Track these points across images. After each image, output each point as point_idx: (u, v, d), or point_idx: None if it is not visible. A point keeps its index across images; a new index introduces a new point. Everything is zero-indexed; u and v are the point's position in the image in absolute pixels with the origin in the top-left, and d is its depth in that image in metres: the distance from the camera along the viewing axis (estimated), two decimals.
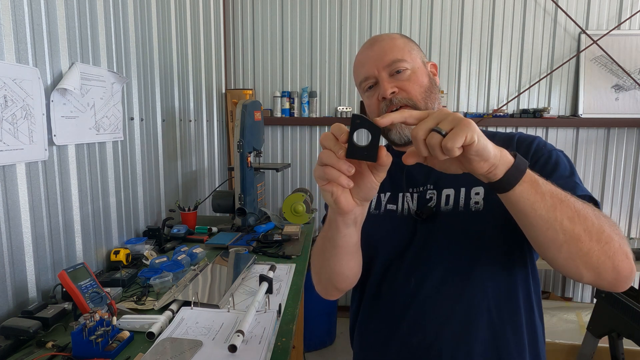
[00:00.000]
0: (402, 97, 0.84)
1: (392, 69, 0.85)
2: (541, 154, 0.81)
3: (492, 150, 0.55)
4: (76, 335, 0.90)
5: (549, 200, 0.61)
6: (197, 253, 1.59)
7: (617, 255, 0.63)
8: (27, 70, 1.15)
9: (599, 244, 0.62)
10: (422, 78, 0.86)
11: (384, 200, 0.92)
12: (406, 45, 0.88)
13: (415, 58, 0.88)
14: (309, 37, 2.98)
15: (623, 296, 1.49)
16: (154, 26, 1.92)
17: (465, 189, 0.84)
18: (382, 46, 0.87)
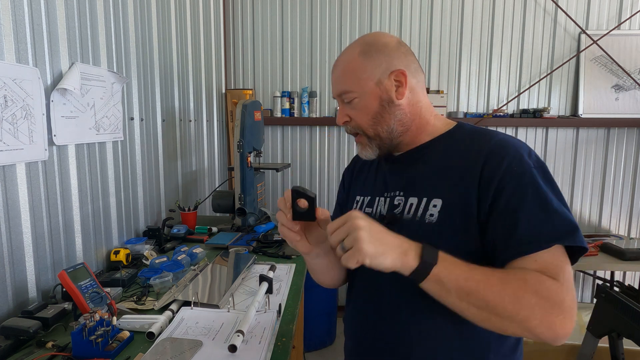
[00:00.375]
0: (352, 126, 0.90)
1: (342, 99, 0.89)
2: (506, 183, 0.73)
3: (388, 263, 0.67)
4: (76, 335, 0.90)
5: (454, 294, 0.69)
6: (197, 253, 1.59)
7: (537, 329, 0.66)
8: (27, 70, 1.15)
9: (513, 323, 0.67)
10: (370, 104, 0.85)
11: (364, 204, 0.96)
12: (358, 68, 0.85)
13: (365, 83, 0.85)
14: (309, 37, 2.98)
15: (623, 296, 1.49)
16: (154, 26, 1.92)
17: (426, 199, 0.83)
18: (337, 74, 0.89)
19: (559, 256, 0.70)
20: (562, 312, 0.66)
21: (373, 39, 0.87)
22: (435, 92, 2.89)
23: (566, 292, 0.67)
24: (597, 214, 3.00)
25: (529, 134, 2.96)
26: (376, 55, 0.85)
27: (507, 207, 0.73)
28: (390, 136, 0.88)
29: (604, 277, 3.00)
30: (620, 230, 3.01)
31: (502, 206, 0.73)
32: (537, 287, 0.66)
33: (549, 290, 0.66)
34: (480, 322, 0.70)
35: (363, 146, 0.90)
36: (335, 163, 3.07)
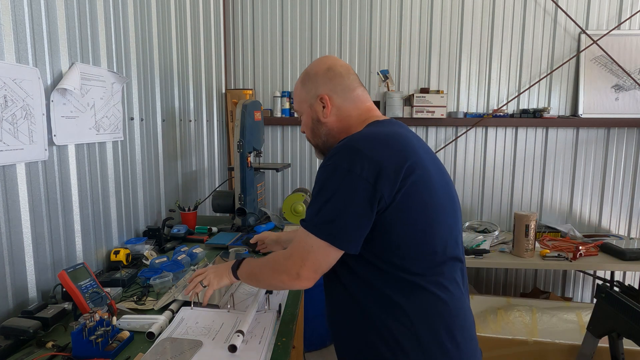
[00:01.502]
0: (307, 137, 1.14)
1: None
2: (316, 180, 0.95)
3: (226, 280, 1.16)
4: (76, 335, 0.90)
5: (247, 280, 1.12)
6: (197, 253, 1.59)
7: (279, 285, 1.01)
8: (27, 70, 1.15)
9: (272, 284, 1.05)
10: (307, 121, 1.10)
11: None
12: (299, 95, 1.10)
13: (302, 105, 1.10)
14: (309, 37, 2.98)
15: (623, 296, 1.49)
16: (154, 26, 1.92)
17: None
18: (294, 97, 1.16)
19: (303, 235, 0.92)
20: (286, 272, 0.94)
21: (310, 69, 1.09)
22: (435, 92, 2.89)
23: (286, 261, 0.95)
24: (597, 214, 3.00)
25: (529, 134, 2.96)
26: (308, 83, 1.08)
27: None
28: (324, 145, 1.09)
29: (604, 277, 3.00)
30: (620, 230, 3.01)
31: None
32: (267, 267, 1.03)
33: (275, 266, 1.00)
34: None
35: (316, 152, 1.15)
36: None
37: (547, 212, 3.02)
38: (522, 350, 1.88)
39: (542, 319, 2.09)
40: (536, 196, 3.01)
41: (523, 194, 3.02)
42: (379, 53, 2.96)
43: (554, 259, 2.37)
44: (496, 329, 1.98)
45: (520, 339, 1.89)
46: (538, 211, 3.02)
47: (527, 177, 3.00)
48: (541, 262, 2.35)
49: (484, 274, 3.10)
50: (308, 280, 0.93)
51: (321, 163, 0.95)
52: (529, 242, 2.35)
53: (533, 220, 2.33)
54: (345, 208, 0.87)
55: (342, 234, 0.87)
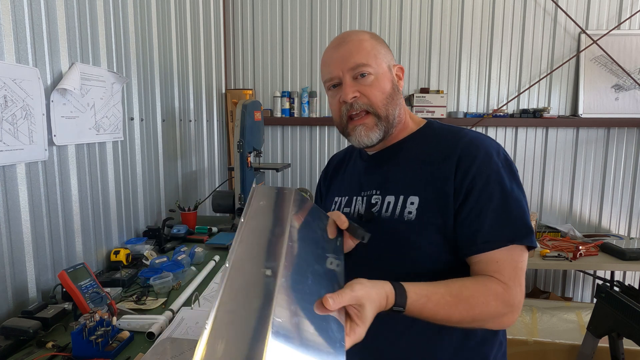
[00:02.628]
0: (363, 103, 0.86)
1: (356, 72, 0.86)
2: (475, 184, 0.79)
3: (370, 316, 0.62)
4: (76, 335, 0.90)
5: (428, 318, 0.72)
6: (197, 253, 1.59)
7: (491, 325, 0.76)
8: (27, 70, 1.15)
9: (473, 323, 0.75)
10: (384, 84, 0.87)
11: (342, 205, 0.96)
12: (373, 48, 0.87)
13: (380, 63, 0.88)
14: (309, 37, 2.98)
15: (623, 296, 1.49)
16: (154, 26, 1.92)
17: (403, 197, 0.85)
18: (349, 48, 0.86)
19: (515, 255, 0.76)
20: (512, 311, 0.74)
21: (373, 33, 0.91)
22: (435, 92, 2.89)
23: (515, 294, 0.75)
24: (597, 214, 3.00)
25: (529, 134, 2.96)
26: (383, 44, 0.91)
27: (476, 206, 0.78)
28: (393, 122, 0.89)
29: (604, 277, 3.00)
30: (620, 230, 3.01)
31: (471, 204, 0.79)
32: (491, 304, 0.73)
33: (503, 300, 0.74)
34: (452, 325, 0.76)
35: (368, 128, 0.87)
36: None
37: (547, 212, 3.02)
38: (522, 350, 1.88)
39: (542, 319, 2.09)
40: (536, 196, 3.01)
41: None
42: None
43: (554, 258, 2.37)
44: None
45: (520, 339, 1.89)
46: (538, 211, 3.02)
47: (527, 177, 3.00)
48: (541, 262, 2.35)
49: None
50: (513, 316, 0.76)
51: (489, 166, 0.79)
52: None
53: (533, 220, 2.33)
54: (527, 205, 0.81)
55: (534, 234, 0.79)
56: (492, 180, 0.79)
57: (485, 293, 0.73)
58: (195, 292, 1.27)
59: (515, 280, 0.75)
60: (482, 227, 0.77)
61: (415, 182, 0.85)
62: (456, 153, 0.82)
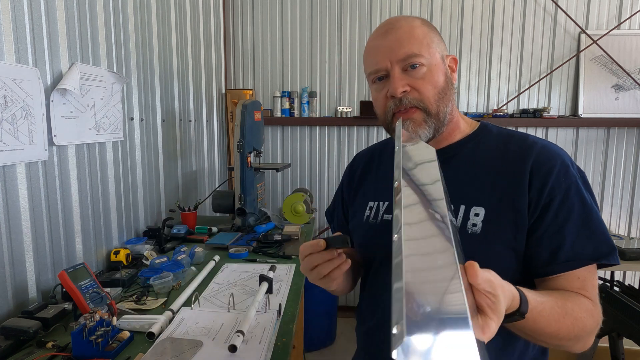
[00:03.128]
0: (413, 98, 0.78)
1: (407, 63, 0.77)
2: (555, 195, 0.72)
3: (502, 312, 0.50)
4: (76, 335, 0.90)
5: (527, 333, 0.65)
6: (197, 253, 1.59)
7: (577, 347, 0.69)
8: (27, 70, 1.15)
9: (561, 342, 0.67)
10: (437, 77, 0.78)
11: (381, 210, 0.88)
12: (426, 36, 0.78)
13: (434, 53, 0.78)
14: (309, 37, 2.98)
15: (623, 296, 1.49)
16: (154, 26, 1.92)
17: (465, 206, 0.77)
18: (399, 36, 0.77)
19: (594, 274, 0.71)
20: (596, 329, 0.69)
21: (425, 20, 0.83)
22: None
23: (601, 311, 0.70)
24: None
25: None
26: (436, 32, 0.82)
27: (555, 220, 0.71)
28: (444, 120, 0.80)
29: (604, 277, 3.00)
30: (620, 230, 3.01)
31: (550, 219, 0.71)
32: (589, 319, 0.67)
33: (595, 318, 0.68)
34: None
35: (417, 124, 0.78)
36: (335, 163, 3.06)
37: None
38: None
39: None
40: None
41: None
42: None
43: None
44: None
45: None
46: None
47: None
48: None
49: None
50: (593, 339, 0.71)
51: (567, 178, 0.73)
52: None
53: None
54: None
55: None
56: (572, 193, 0.72)
57: (582, 307, 0.67)
58: (195, 292, 1.27)
59: (597, 298, 0.71)
60: (564, 244, 0.70)
61: (480, 191, 0.76)
62: (529, 162, 0.75)
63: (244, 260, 1.62)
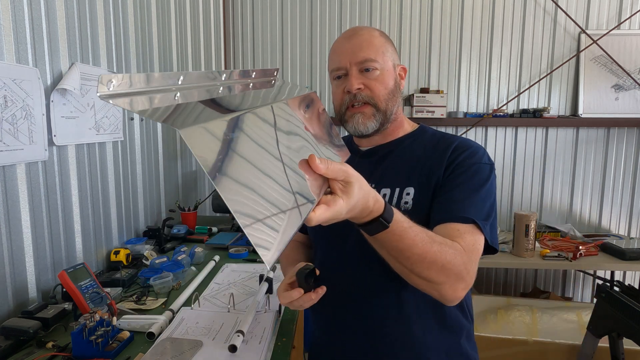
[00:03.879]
0: (366, 95, 0.91)
1: (363, 66, 0.91)
2: (460, 167, 0.88)
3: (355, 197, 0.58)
4: (76, 335, 0.90)
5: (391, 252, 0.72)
6: (197, 252, 1.59)
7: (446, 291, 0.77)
8: (27, 71, 1.15)
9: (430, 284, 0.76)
10: (388, 80, 0.92)
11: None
12: (382, 45, 0.92)
13: (387, 60, 0.93)
14: (309, 37, 2.98)
15: (623, 296, 1.49)
16: (154, 26, 1.92)
17: (399, 188, 0.90)
18: (360, 41, 0.91)
19: (475, 234, 0.81)
20: (467, 280, 0.77)
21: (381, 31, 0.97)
22: (435, 92, 2.89)
23: (473, 264, 0.78)
24: (597, 214, 3.00)
25: (529, 134, 2.96)
26: (391, 44, 0.96)
27: (452, 183, 0.86)
28: (390, 117, 0.94)
29: (604, 277, 3.00)
30: (620, 230, 3.01)
31: (448, 182, 0.87)
32: (458, 259, 0.74)
33: (464, 261, 0.76)
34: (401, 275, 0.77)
35: (366, 117, 0.92)
36: None
37: (547, 212, 3.02)
38: (522, 350, 1.88)
39: (542, 318, 2.09)
40: (536, 196, 3.01)
41: (523, 194, 3.02)
42: None
43: (554, 258, 2.37)
44: (496, 329, 1.98)
45: (520, 339, 1.89)
46: (538, 211, 3.02)
47: (527, 177, 3.00)
48: (541, 262, 2.35)
49: (484, 273, 3.10)
50: (467, 288, 0.78)
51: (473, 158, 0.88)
52: (529, 241, 2.35)
53: (533, 220, 2.33)
54: (495, 211, 0.88)
55: (496, 236, 0.86)
56: (472, 170, 0.87)
57: (453, 247, 0.75)
58: (195, 292, 1.27)
59: (472, 254, 0.79)
60: (449, 201, 0.84)
61: (411, 175, 0.90)
62: (450, 148, 0.91)
63: (244, 260, 1.62)
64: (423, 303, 0.89)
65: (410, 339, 0.89)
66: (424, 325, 0.90)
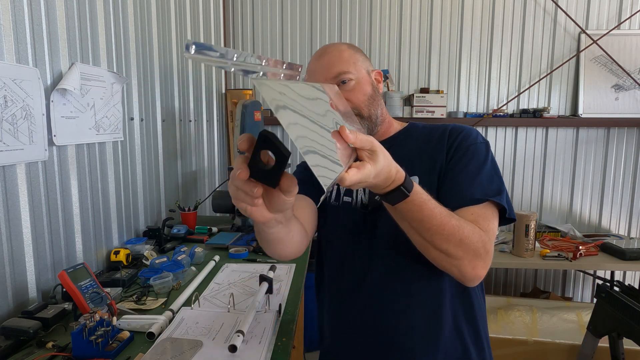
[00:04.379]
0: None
1: (338, 80, 0.93)
2: (460, 149, 0.92)
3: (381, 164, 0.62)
4: (76, 335, 0.90)
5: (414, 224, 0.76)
6: (197, 253, 1.59)
7: (465, 267, 0.80)
8: (27, 71, 1.15)
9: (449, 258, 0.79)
10: (365, 87, 0.96)
11: (342, 192, 1.01)
12: (352, 57, 0.96)
13: (359, 69, 0.96)
14: (309, 37, 2.98)
15: (623, 296, 1.49)
16: (154, 26, 1.92)
17: None
18: (330, 58, 0.95)
19: (488, 211, 0.84)
20: (485, 259, 0.80)
21: (351, 44, 1.02)
22: (435, 92, 2.89)
23: (490, 243, 0.81)
24: (597, 214, 3.00)
25: (529, 134, 2.96)
26: (361, 53, 1.00)
27: (455, 168, 0.90)
28: (376, 121, 0.98)
29: (604, 277, 3.00)
30: (620, 230, 3.01)
31: (451, 167, 0.90)
32: (475, 236, 0.78)
33: (482, 239, 0.79)
34: (421, 250, 0.81)
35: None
36: None
37: (547, 212, 3.02)
38: (522, 350, 1.88)
39: (542, 318, 2.09)
40: (536, 196, 3.01)
41: (523, 194, 3.02)
42: (379, 53, 2.96)
43: (554, 258, 2.37)
44: (496, 329, 1.98)
45: (520, 339, 1.89)
46: (538, 211, 3.02)
47: (527, 177, 3.00)
48: (541, 262, 2.35)
49: None
50: (486, 267, 0.81)
51: (469, 139, 0.93)
52: (529, 241, 2.35)
53: (533, 220, 2.33)
54: (504, 184, 0.90)
55: (511, 206, 0.89)
56: (470, 151, 0.91)
57: (468, 223, 0.79)
58: (195, 292, 1.27)
59: (489, 233, 0.82)
60: (460, 186, 0.87)
61: (413, 166, 0.92)
62: (446, 134, 0.95)
63: (244, 260, 1.62)
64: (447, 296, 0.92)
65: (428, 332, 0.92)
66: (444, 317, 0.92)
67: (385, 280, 0.93)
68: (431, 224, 0.74)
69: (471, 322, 0.95)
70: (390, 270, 0.93)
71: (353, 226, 0.98)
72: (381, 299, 0.93)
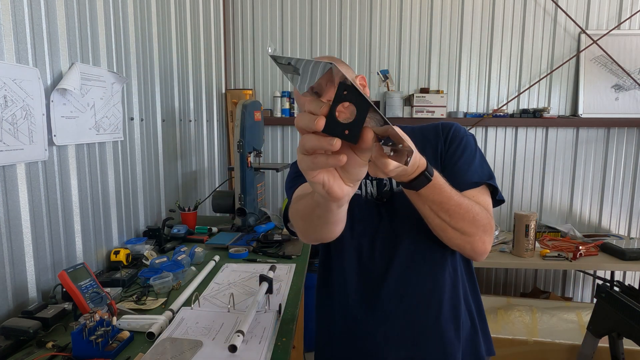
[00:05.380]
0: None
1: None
2: (453, 142, 0.99)
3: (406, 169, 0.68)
4: (76, 335, 0.90)
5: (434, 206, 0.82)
6: (197, 253, 1.59)
7: (476, 243, 0.87)
8: (27, 70, 1.15)
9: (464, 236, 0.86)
10: None
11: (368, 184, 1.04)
12: (351, 73, 1.03)
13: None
14: (309, 37, 2.98)
15: (623, 296, 1.49)
16: (154, 26, 1.92)
17: None
18: None
19: (485, 193, 0.93)
20: (491, 235, 0.88)
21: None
22: (435, 92, 2.89)
23: (493, 221, 0.90)
24: (597, 214, 3.00)
25: (529, 134, 2.96)
26: (342, 63, 1.06)
27: (452, 158, 0.97)
28: None
29: (604, 277, 3.00)
30: (620, 230, 3.01)
31: (449, 157, 0.98)
32: (483, 214, 0.86)
33: (487, 217, 0.87)
34: (438, 231, 0.86)
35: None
36: None
37: (547, 212, 3.02)
38: (522, 350, 1.88)
39: (542, 319, 2.09)
40: (536, 196, 3.01)
41: (523, 194, 3.02)
42: (379, 53, 2.96)
43: (554, 258, 2.37)
44: (496, 329, 1.98)
45: (520, 339, 1.89)
46: (538, 211, 3.02)
47: (527, 177, 3.00)
48: (541, 262, 2.35)
49: (484, 273, 3.10)
50: (491, 242, 0.90)
51: (459, 133, 1.00)
52: (529, 242, 2.35)
53: (533, 220, 2.33)
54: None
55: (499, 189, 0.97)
56: (462, 143, 0.98)
57: (477, 205, 0.86)
58: (195, 292, 1.27)
59: (489, 211, 0.91)
60: (456, 174, 0.93)
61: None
62: (438, 129, 1.02)
63: (244, 260, 1.63)
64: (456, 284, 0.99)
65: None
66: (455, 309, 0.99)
67: (410, 266, 0.97)
68: (449, 204, 0.80)
69: (475, 295, 1.04)
70: (414, 255, 0.97)
71: (369, 218, 1.00)
72: (408, 284, 0.97)
